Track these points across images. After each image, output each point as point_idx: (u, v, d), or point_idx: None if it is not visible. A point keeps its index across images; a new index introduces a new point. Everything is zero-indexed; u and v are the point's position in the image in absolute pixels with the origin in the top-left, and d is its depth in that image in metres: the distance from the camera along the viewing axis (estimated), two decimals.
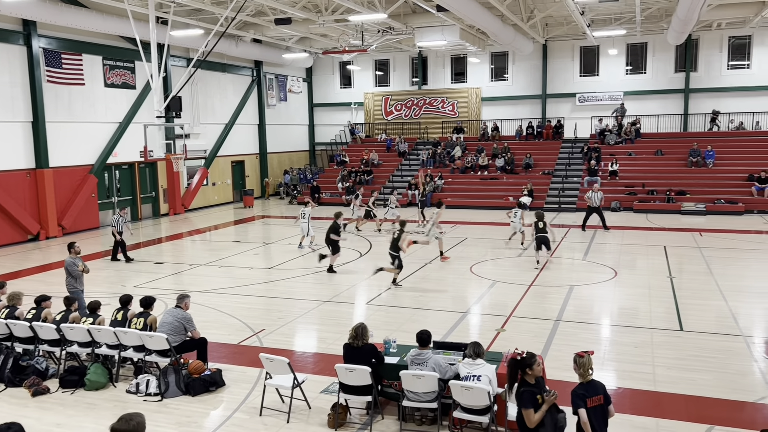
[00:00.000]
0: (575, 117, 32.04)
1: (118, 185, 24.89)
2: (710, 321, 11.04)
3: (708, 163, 27.21)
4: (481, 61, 33.59)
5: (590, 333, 10.63)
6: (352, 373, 7.23)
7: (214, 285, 14.37)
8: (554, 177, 28.54)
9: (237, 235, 21.77)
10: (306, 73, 36.99)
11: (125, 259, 17.22)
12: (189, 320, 8.88)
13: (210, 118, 29.31)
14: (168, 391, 8.28)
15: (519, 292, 13.22)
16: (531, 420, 5.55)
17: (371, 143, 34.87)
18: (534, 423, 5.56)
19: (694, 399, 7.90)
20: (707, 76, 30.33)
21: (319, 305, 12.55)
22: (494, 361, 7.33)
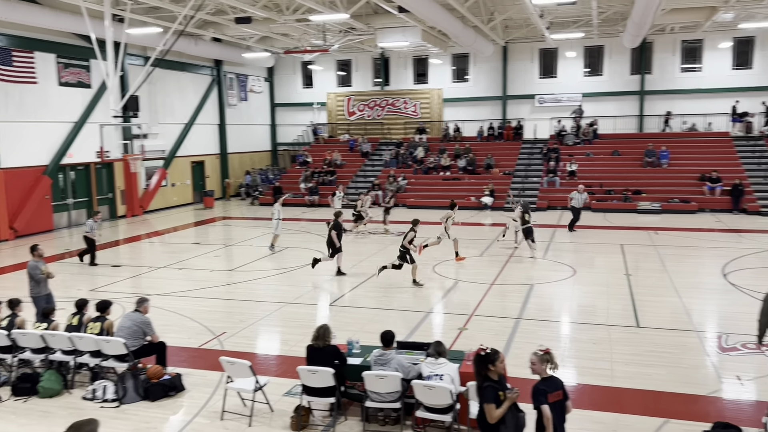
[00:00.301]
0: (535, 118, 32.54)
1: (74, 186, 24.23)
2: (665, 317, 11.34)
3: (662, 163, 27.95)
4: (443, 63, 33.84)
5: (550, 330, 10.80)
6: (315, 375, 7.19)
7: (173, 288, 14.11)
8: (515, 177, 28.94)
9: (197, 237, 21.43)
10: (267, 72, 36.68)
11: (90, 262, 16.70)
12: (148, 324, 8.70)
13: (169, 117, 28.80)
14: (126, 396, 8.10)
15: (481, 291, 13.35)
16: (492, 415, 5.52)
17: (334, 143, 34.77)
18: (495, 419, 5.54)
19: (650, 393, 8.10)
20: (661, 78, 31.18)
21: (281, 307, 12.45)
22: (456, 359, 7.38)
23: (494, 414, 5.53)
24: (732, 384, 8.37)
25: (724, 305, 12.24)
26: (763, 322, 7.29)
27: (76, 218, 24.27)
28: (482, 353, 5.82)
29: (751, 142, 28.49)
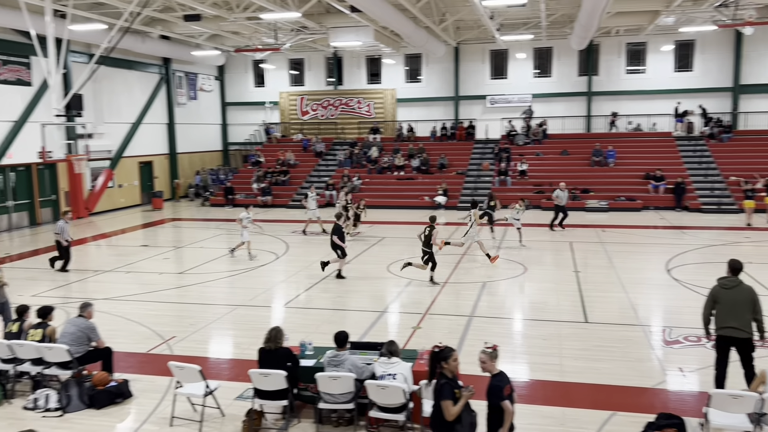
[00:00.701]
0: (486, 118, 32.99)
1: (14, 188, 23.29)
2: (612, 312, 11.65)
3: (609, 162, 28.74)
4: (396, 63, 33.95)
5: (502, 327, 10.96)
6: (267, 378, 7.10)
7: (120, 292, 13.72)
8: (467, 177, 29.27)
9: (146, 239, 20.90)
10: (218, 71, 36.08)
11: (61, 267, 15.67)
12: (93, 329, 8.43)
13: (115, 117, 28.00)
14: (70, 405, 7.83)
15: (434, 289, 13.44)
16: (450, 412, 5.49)
17: (287, 143, 34.47)
18: (452, 416, 5.51)
19: (598, 387, 8.30)
20: (607, 80, 32.05)
21: (233, 310, 12.26)
22: (410, 358, 7.40)
23: (452, 411, 5.52)
24: (675, 376, 8.65)
25: (667, 300, 12.66)
26: (704, 314, 7.60)
27: (17, 221, 23.35)
28: (436, 350, 5.86)
29: (693, 141, 29.57)
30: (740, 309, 7.39)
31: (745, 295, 7.44)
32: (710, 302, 7.58)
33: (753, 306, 7.41)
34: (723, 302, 7.46)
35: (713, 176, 26.73)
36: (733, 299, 7.42)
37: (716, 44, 30.28)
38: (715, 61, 30.52)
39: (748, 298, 7.43)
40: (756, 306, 7.42)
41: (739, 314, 7.38)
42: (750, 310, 7.39)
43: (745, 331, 7.38)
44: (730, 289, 7.48)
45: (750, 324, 7.40)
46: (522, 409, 7.53)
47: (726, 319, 7.42)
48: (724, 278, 7.63)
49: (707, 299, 7.63)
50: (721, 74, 30.53)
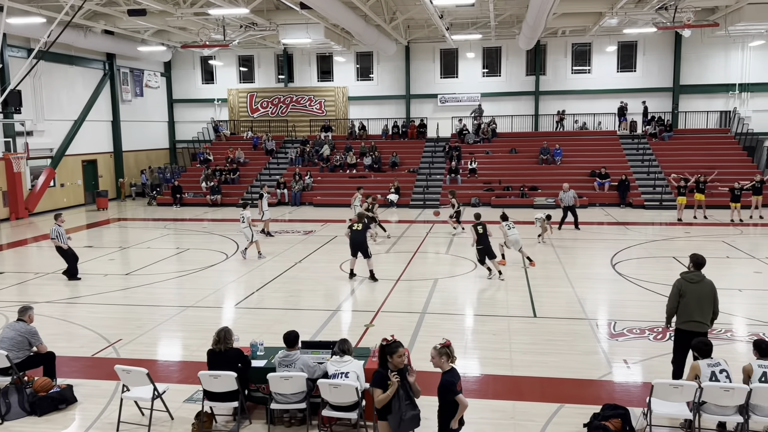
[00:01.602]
0: (437, 117, 33.28)
1: None
2: (560, 307, 11.93)
3: (556, 160, 29.40)
4: (347, 61, 33.88)
5: (453, 323, 11.07)
6: (217, 380, 6.98)
7: (63, 295, 13.27)
8: (419, 175, 29.47)
9: (90, 240, 20.26)
10: (164, 67, 35.26)
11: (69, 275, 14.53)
12: (34, 334, 8.13)
13: (56, 114, 27.04)
14: (9, 413, 7.53)
15: (387, 287, 13.48)
16: (376, 399, 5.75)
17: (237, 141, 33.97)
18: (380, 403, 5.75)
19: (546, 380, 8.48)
20: (554, 79, 32.78)
21: (181, 311, 12.01)
22: (362, 357, 7.40)
23: (378, 398, 5.75)
24: (620, 368, 8.92)
25: (613, 294, 13.04)
26: (670, 307, 7.74)
27: None
28: (384, 342, 5.94)
29: (636, 140, 30.54)
30: (705, 303, 7.57)
31: (708, 290, 7.63)
32: (676, 296, 7.64)
33: (714, 300, 7.65)
34: (689, 296, 7.56)
35: (655, 173, 27.67)
36: (699, 293, 7.57)
37: (657, 46, 31.37)
38: (657, 62, 31.60)
39: (711, 292, 7.64)
40: (716, 300, 7.67)
41: (704, 308, 7.56)
42: (712, 304, 7.63)
43: (706, 324, 7.60)
44: (696, 284, 7.62)
45: (710, 318, 7.65)
46: (473, 403, 7.63)
47: (692, 314, 7.55)
48: (689, 273, 7.74)
49: (672, 292, 7.70)
50: (661, 75, 31.63)
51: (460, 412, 5.66)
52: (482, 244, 13.95)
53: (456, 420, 5.67)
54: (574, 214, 20.55)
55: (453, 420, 5.67)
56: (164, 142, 35.89)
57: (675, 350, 7.86)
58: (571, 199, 20.41)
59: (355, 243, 13.91)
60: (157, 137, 35.12)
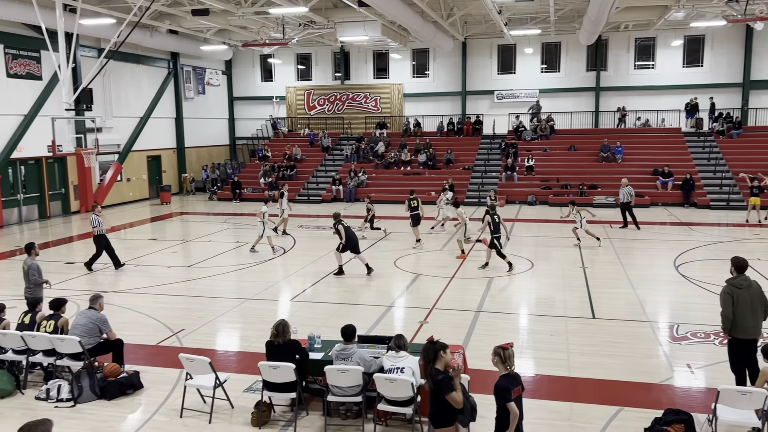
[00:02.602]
0: (493, 114, 32.92)
1: (24, 182, 23.47)
2: (620, 308, 11.65)
3: (617, 158, 28.65)
4: (403, 58, 33.91)
5: (509, 323, 10.98)
6: (276, 371, 7.16)
7: (130, 285, 13.83)
8: (474, 172, 29.25)
9: (154, 233, 21.02)
10: (225, 65, 36.14)
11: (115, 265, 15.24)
12: (104, 321, 8.52)
13: (124, 111, 28.12)
14: (82, 396, 7.91)
15: (441, 284, 13.47)
16: (458, 401, 5.57)
17: (294, 138, 34.52)
18: (461, 403, 5.59)
19: (605, 383, 8.32)
20: (616, 75, 31.91)
21: (241, 303, 12.34)
22: (417, 353, 7.42)
23: (459, 399, 5.58)
24: (683, 372, 8.66)
25: (675, 296, 12.64)
26: (726, 314, 7.43)
27: (27, 214, 23.56)
28: (432, 342, 5.86)
29: (702, 137, 29.43)
30: (756, 308, 7.30)
31: (757, 293, 7.36)
32: (730, 303, 7.34)
33: (764, 303, 7.37)
34: (741, 303, 7.29)
35: (722, 173, 26.60)
36: (750, 298, 7.30)
37: (726, 39, 30.09)
38: (725, 56, 30.33)
39: (761, 295, 7.37)
40: (766, 302, 7.39)
41: (757, 314, 7.30)
42: (763, 306, 7.35)
43: (759, 329, 7.33)
44: (744, 289, 7.35)
45: (761, 321, 7.37)
46: (529, 403, 7.55)
47: (745, 320, 7.27)
48: (736, 278, 7.44)
49: (725, 300, 7.37)
50: (731, 70, 30.34)
51: (511, 423, 5.47)
52: (498, 232, 14.37)
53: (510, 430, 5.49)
54: (630, 212, 20.00)
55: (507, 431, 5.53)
56: (224, 138, 36.82)
57: (732, 359, 7.54)
58: (627, 195, 19.83)
59: (349, 240, 14.23)
60: (217, 134, 36.08)
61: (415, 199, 17.68)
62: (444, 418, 5.66)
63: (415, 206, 17.60)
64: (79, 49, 24.18)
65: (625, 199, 19.81)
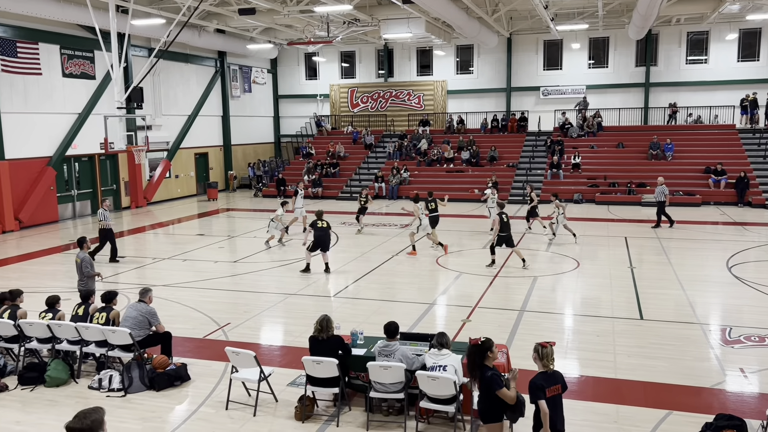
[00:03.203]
0: (539, 110, 32.45)
1: (78, 178, 24.30)
2: (669, 310, 11.35)
3: (667, 155, 27.88)
4: (447, 54, 33.72)
5: (553, 323, 10.82)
6: (319, 366, 7.22)
7: (177, 279, 14.17)
8: (518, 170, 28.90)
9: (201, 229, 21.48)
10: (271, 64, 36.61)
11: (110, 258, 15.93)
12: (153, 314, 8.75)
13: (173, 109, 28.80)
14: (132, 386, 8.15)
15: (484, 283, 13.37)
16: (511, 397, 5.67)
17: (337, 135, 34.75)
18: (513, 400, 5.68)
19: (653, 385, 8.11)
20: (666, 70, 31.03)
21: (284, 298, 12.50)
22: (460, 351, 7.40)
23: (511, 395, 5.68)
24: (736, 376, 8.38)
25: (728, 298, 12.23)
26: None
27: (80, 209, 24.38)
28: (480, 342, 5.90)
29: (757, 134, 28.37)
30: None
31: None
32: None
33: None
34: None
35: None
36: None
37: None
38: None
39: None
40: None
41: None
42: None
43: None
44: None
45: None
46: (574, 405, 7.46)
47: None
48: None
49: None
50: None
51: (543, 422, 5.45)
52: (505, 231, 14.40)
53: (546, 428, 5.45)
54: (663, 212, 19.60)
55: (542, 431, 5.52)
56: (270, 136, 37.33)
57: None
58: (660, 194, 19.48)
59: (319, 239, 14.40)
60: (263, 132, 36.61)
61: (433, 201, 17.47)
62: (493, 414, 5.79)
63: (433, 207, 17.30)
64: (130, 49, 24.86)
65: (659, 198, 19.46)
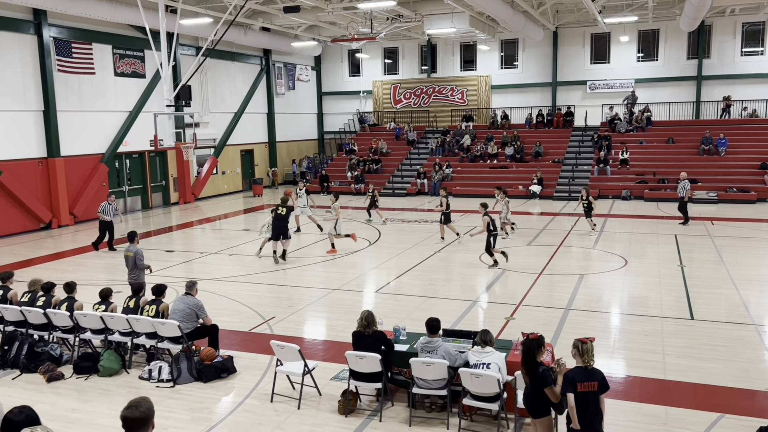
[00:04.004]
0: (586, 105, 31.82)
1: (129, 174, 25.03)
2: (721, 310, 11.01)
3: (720, 151, 26.98)
4: (491, 49, 33.37)
5: (600, 321, 10.62)
6: (363, 361, 7.27)
7: (224, 273, 14.46)
8: (564, 165, 28.41)
9: (246, 224, 21.84)
10: (314, 61, 36.91)
11: (109, 247, 17.09)
12: (200, 307, 8.95)
13: (219, 107, 29.35)
14: (180, 377, 8.36)
15: (528, 280, 13.21)
16: (556, 395, 5.66)
17: (380, 132, 34.81)
18: (557, 399, 5.68)
19: (704, 387, 7.89)
20: (720, 63, 30.00)
21: (328, 293, 12.61)
22: (504, 349, 7.34)
23: (556, 394, 5.67)
24: None
25: None
26: None
27: (131, 205, 25.10)
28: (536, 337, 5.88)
29: None
30: None
31: None
32: None
33: None
34: None
35: None
36: None
37: None
38: None
39: None
40: None
41: None
42: None
43: None
44: None
45: None
46: (621, 405, 7.32)
47: None
48: None
49: None
50: None
51: (571, 415, 5.47)
52: (497, 230, 14.71)
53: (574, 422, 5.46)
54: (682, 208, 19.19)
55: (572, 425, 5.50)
56: (313, 133, 37.66)
57: None
58: (682, 189, 19.08)
59: (278, 227, 15.02)
60: (307, 128, 36.96)
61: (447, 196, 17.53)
62: (541, 408, 5.83)
63: (448, 203, 17.39)
64: (179, 48, 25.44)
65: (680, 194, 19.07)
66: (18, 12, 19.80)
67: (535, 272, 13.85)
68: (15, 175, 19.93)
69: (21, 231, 20.26)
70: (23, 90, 20.20)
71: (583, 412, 5.47)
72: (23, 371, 8.80)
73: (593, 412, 5.52)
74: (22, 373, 8.78)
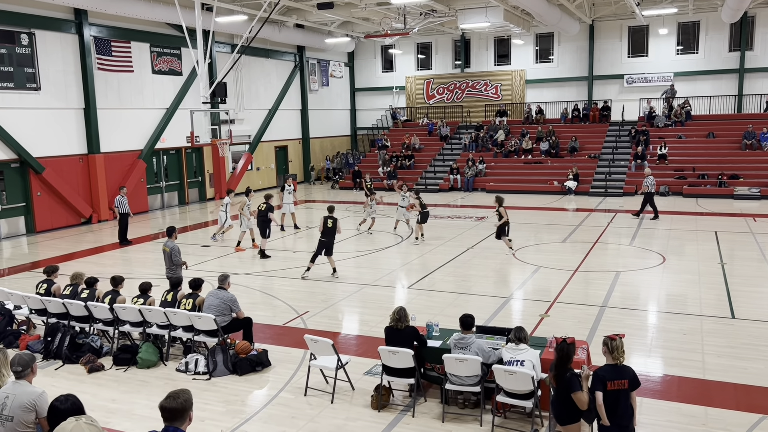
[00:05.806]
0: (623, 99, 31.23)
1: (166, 170, 25.49)
2: (764, 309, 10.70)
3: (763, 146, 26.20)
4: (525, 43, 32.98)
5: (636, 319, 10.43)
6: (395, 356, 7.28)
7: (258, 268, 14.63)
8: (601, 161, 27.95)
9: (280, 219, 21.99)
10: (348, 57, 37.01)
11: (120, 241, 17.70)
12: (234, 301, 9.07)
13: (254, 103, 29.66)
14: (216, 370, 8.50)
15: (563, 277, 13.05)
16: (584, 401, 5.54)
17: (413, 127, 34.73)
18: (586, 404, 5.55)
19: (745, 388, 7.69)
20: (764, 55, 29.10)
21: (361, 288, 12.66)
22: (538, 346, 7.27)
23: (584, 400, 5.54)
24: None
25: None
26: None
27: (168, 200, 25.56)
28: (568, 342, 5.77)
29: None
30: None
31: None
32: None
33: None
34: None
35: None
36: None
37: None
38: None
39: None
40: None
41: None
42: None
43: None
44: None
45: None
46: (659, 405, 7.19)
47: None
48: None
49: None
50: None
51: (600, 413, 5.38)
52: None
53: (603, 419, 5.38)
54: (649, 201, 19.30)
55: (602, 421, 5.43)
56: (346, 129, 37.80)
57: None
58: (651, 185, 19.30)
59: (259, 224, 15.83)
60: (340, 124, 37.11)
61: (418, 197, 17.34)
62: (569, 416, 5.68)
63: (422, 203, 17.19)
64: (214, 46, 25.77)
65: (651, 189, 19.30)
66: (60, 12, 20.32)
67: (571, 269, 13.67)
68: (57, 171, 20.49)
69: (63, 226, 20.83)
70: (65, 88, 20.73)
71: (613, 410, 5.40)
72: (65, 362, 9.06)
73: (624, 409, 5.44)
74: (65, 363, 9.03)
